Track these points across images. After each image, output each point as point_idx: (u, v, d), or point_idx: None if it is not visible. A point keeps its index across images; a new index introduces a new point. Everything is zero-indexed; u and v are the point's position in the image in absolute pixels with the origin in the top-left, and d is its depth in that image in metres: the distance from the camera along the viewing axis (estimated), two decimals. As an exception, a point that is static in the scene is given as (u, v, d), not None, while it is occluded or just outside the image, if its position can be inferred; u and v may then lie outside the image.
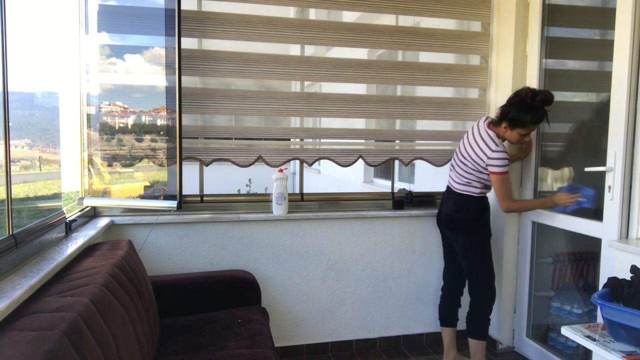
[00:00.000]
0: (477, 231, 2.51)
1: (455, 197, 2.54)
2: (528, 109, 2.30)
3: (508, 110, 2.35)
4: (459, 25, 3.21)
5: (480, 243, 2.52)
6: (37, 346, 1.07)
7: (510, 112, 2.34)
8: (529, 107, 2.30)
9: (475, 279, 2.56)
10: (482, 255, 2.52)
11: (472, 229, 2.50)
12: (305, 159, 2.84)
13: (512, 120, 2.34)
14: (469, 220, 2.50)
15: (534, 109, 2.30)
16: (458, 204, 2.53)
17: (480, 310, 2.54)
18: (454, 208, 2.54)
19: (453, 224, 2.56)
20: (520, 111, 2.31)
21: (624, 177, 2.14)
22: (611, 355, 1.59)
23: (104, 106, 2.56)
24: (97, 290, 1.49)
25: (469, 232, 2.51)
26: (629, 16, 2.10)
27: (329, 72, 2.81)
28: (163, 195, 2.72)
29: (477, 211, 2.50)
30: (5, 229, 1.61)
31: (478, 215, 2.51)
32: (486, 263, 2.53)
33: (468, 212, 2.50)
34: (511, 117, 2.33)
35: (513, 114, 2.33)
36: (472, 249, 2.52)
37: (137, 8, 2.67)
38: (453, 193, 2.55)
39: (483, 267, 2.53)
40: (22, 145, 2.08)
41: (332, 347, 2.91)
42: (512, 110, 2.33)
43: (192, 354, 1.93)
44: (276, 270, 2.79)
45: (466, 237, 2.52)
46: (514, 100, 2.36)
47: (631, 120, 2.12)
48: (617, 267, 2.06)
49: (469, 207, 2.50)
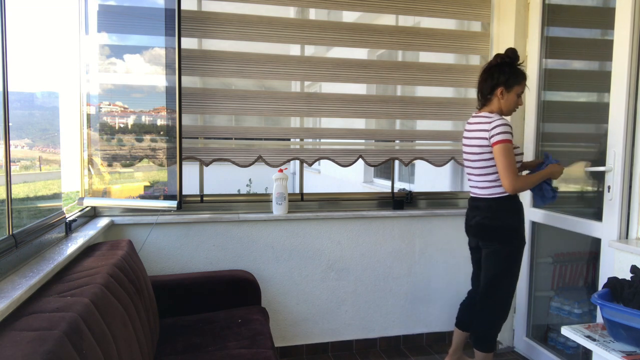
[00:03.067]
0: (513, 240, 2.25)
1: (484, 203, 2.27)
2: (512, 66, 2.23)
3: (495, 76, 2.22)
4: (459, 25, 3.21)
5: (514, 254, 2.27)
6: (37, 346, 1.07)
7: (500, 76, 2.21)
8: (511, 64, 2.23)
9: (497, 291, 2.30)
10: (512, 267, 2.28)
11: (507, 238, 2.24)
12: (305, 159, 2.84)
13: (507, 82, 2.21)
14: (504, 228, 2.24)
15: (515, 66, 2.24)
16: (490, 210, 2.25)
17: (492, 325, 2.33)
18: (487, 214, 2.26)
19: (486, 232, 2.28)
20: (510, 70, 2.22)
21: (624, 177, 2.14)
22: (611, 355, 1.59)
23: (104, 106, 2.56)
24: (97, 290, 1.49)
25: (504, 241, 2.24)
26: (628, 16, 2.10)
27: (329, 72, 2.81)
28: (163, 195, 2.72)
29: (514, 217, 2.25)
30: (5, 229, 1.61)
31: (515, 222, 2.25)
32: (513, 278, 2.30)
33: (503, 219, 2.24)
34: (505, 79, 2.21)
35: (503, 76, 2.21)
36: (504, 259, 2.26)
37: (137, 8, 2.67)
38: (482, 200, 2.28)
39: (509, 281, 2.29)
40: (22, 145, 2.08)
41: (332, 347, 2.91)
42: (501, 75, 2.21)
43: (192, 354, 1.93)
44: (276, 270, 2.79)
45: (501, 247, 2.25)
46: (493, 67, 2.25)
47: (630, 120, 2.12)
48: (617, 267, 2.06)
49: (503, 211, 2.24)
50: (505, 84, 2.21)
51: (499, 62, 2.24)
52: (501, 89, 2.22)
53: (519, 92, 2.24)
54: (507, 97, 2.23)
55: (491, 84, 2.24)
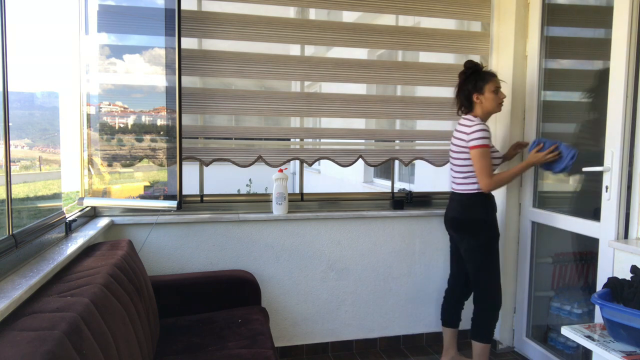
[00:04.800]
0: (483, 232, 2.45)
1: (458, 197, 2.51)
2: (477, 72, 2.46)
3: (465, 88, 2.48)
4: (459, 25, 3.21)
5: (486, 245, 2.45)
6: (37, 346, 1.07)
7: (468, 85, 2.46)
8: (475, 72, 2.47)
9: (480, 284, 2.49)
10: (487, 258, 2.46)
11: (477, 230, 2.45)
12: (305, 159, 2.84)
13: (476, 86, 2.44)
14: (473, 220, 2.46)
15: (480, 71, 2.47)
16: (461, 205, 2.49)
17: (485, 316, 2.49)
18: (458, 209, 2.51)
19: (458, 225, 2.52)
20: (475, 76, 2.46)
21: (621, 177, 2.14)
22: (611, 355, 1.59)
23: (104, 106, 2.56)
24: (97, 290, 1.49)
25: (474, 234, 2.46)
26: (626, 16, 2.10)
27: (329, 72, 2.81)
28: (163, 195, 2.72)
29: (482, 211, 2.46)
30: (5, 229, 1.61)
31: (483, 215, 2.46)
32: (492, 267, 2.47)
33: (472, 212, 2.46)
34: (473, 85, 2.45)
35: (471, 84, 2.46)
36: (478, 251, 2.46)
37: (137, 8, 2.67)
38: (456, 194, 2.53)
39: (489, 271, 2.47)
40: (22, 145, 2.08)
41: (332, 347, 2.91)
42: (468, 83, 2.47)
43: (192, 354, 1.93)
44: (276, 270, 2.79)
45: (472, 239, 2.46)
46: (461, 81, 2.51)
47: (628, 120, 2.12)
48: (616, 267, 2.06)
49: (473, 206, 2.46)
50: (475, 88, 2.46)
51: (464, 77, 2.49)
52: (475, 94, 2.46)
53: (493, 89, 2.45)
54: (484, 99, 2.45)
55: (464, 95, 2.50)
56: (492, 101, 2.44)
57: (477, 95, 2.45)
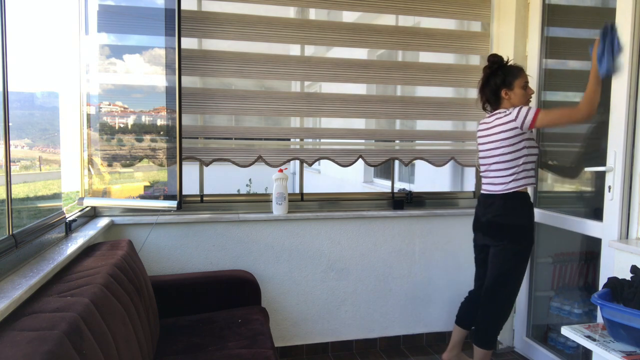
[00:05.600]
0: (525, 239, 2.27)
1: (498, 200, 2.28)
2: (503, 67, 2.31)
3: (493, 82, 2.32)
4: (459, 25, 3.21)
5: (523, 252, 2.28)
6: (37, 346, 1.07)
7: (496, 80, 2.31)
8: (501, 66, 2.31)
9: (498, 289, 2.32)
10: (518, 266, 2.30)
11: (519, 237, 2.26)
12: (305, 159, 2.84)
13: (505, 81, 2.29)
14: (517, 226, 2.26)
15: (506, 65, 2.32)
16: (503, 208, 2.27)
17: (493, 323, 2.36)
18: (498, 213, 2.27)
19: (497, 229, 2.30)
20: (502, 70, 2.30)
21: (624, 177, 2.14)
22: (611, 355, 1.59)
23: (104, 106, 2.56)
24: (97, 290, 1.49)
25: (515, 240, 2.26)
26: (628, 16, 2.10)
27: (329, 72, 2.81)
28: (163, 195, 2.72)
29: (524, 215, 2.28)
30: (5, 229, 1.61)
31: (527, 220, 2.28)
32: (519, 276, 2.31)
33: (516, 217, 2.26)
34: (502, 80, 2.29)
35: (499, 78, 2.30)
36: (513, 258, 2.27)
37: (137, 8, 2.67)
38: (495, 197, 2.30)
39: (514, 279, 2.31)
40: (22, 145, 2.08)
41: (332, 347, 2.91)
42: (496, 78, 2.31)
43: (192, 354, 1.93)
44: (276, 270, 2.79)
45: (510, 244, 2.27)
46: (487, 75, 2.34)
47: (631, 120, 2.12)
48: (617, 267, 2.06)
49: (516, 208, 2.26)
50: (504, 84, 2.29)
51: (489, 71, 2.33)
52: (503, 90, 2.30)
53: (522, 85, 2.29)
54: (513, 94, 2.29)
55: (492, 90, 2.33)
56: (521, 97, 2.29)
57: (505, 90, 2.30)
